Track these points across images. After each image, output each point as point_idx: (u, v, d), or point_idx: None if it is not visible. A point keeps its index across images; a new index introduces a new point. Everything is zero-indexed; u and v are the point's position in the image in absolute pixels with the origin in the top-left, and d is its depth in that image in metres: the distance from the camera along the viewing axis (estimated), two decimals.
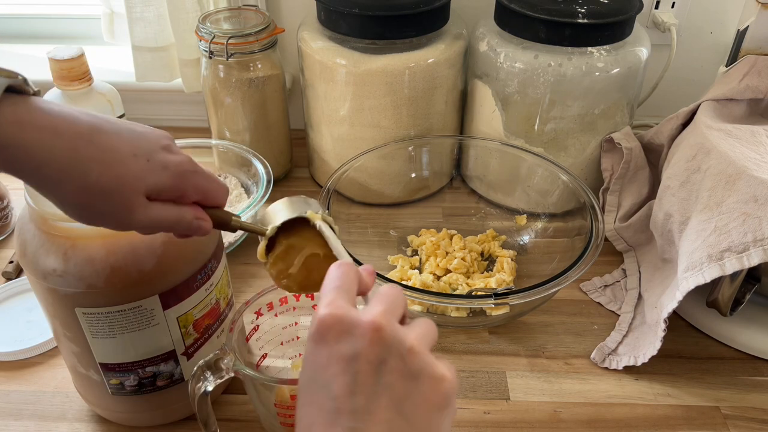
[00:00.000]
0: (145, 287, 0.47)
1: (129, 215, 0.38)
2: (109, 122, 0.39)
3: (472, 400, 0.59)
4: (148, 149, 0.39)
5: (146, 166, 0.39)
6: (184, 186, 0.41)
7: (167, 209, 0.40)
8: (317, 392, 0.32)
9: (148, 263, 0.47)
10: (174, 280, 0.49)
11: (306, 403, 0.33)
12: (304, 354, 0.34)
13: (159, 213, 0.40)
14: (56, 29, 1.06)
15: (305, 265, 0.44)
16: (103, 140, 0.37)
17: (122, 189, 0.38)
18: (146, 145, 0.39)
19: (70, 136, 0.36)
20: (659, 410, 0.58)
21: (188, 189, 0.41)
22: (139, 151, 0.39)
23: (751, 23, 0.79)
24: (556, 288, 0.59)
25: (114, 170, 0.37)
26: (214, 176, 0.43)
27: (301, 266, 0.44)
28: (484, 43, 0.76)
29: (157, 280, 0.47)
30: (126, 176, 0.38)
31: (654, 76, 0.86)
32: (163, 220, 0.40)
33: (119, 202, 0.38)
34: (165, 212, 0.40)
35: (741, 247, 0.55)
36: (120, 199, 0.38)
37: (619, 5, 0.72)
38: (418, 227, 0.79)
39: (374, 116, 0.77)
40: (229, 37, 0.76)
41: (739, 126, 0.68)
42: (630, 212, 0.75)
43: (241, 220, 0.45)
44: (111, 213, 0.38)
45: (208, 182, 0.42)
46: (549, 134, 0.76)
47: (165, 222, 0.40)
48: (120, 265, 0.46)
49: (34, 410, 0.58)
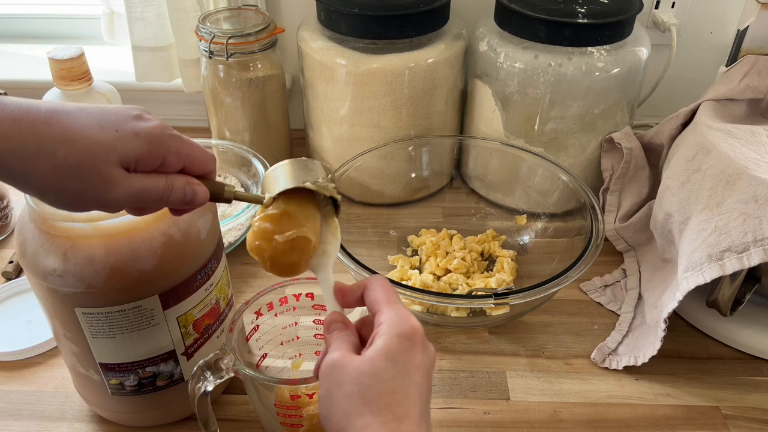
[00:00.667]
0: (145, 287, 0.47)
1: (108, 190, 0.37)
2: (72, 105, 0.37)
3: (472, 400, 0.59)
4: (115, 120, 0.37)
5: (115, 135, 0.37)
6: (162, 151, 0.38)
7: (151, 178, 0.38)
8: (408, 386, 0.37)
9: (148, 263, 0.46)
10: (174, 280, 0.49)
11: (394, 388, 0.36)
12: (389, 342, 0.37)
13: (143, 183, 0.38)
14: (56, 29, 1.06)
15: (292, 243, 0.42)
16: (64, 119, 0.36)
17: (93, 163, 0.36)
18: (113, 117, 0.37)
19: (29, 120, 0.35)
20: (659, 410, 0.58)
21: (168, 154, 0.39)
22: (106, 124, 0.37)
23: (751, 23, 0.79)
24: (556, 288, 0.59)
25: (80, 145, 0.36)
26: (197, 144, 0.41)
27: (288, 240, 0.42)
28: (484, 43, 0.76)
29: (157, 280, 0.47)
30: (95, 149, 0.36)
31: (654, 76, 0.86)
32: (148, 189, 0.38)
33: (94, 177, 0.36)
34: (149, 181, 0.38)
35: (741, 247, 0.55)
36: (94, 174, 0.36)
37: (619, 5, 0.72)
38: (418, 227, 0.79)
39: (374, 116, 0.77)
40: (229, 37, 0.76)
41: (739, 126, 0.67)
42: (630, 212, 0.75)
43: (234, 189, 0.43)
44: (89, 191, 0.37)
45: (190, 147, 0.40)
46: (549, 134, 0.76)
47: (152, 192, 0.38)
48: (120, 265, 0.46)
49: (34, 410, 0.58)
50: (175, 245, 0.48)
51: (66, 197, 0.37)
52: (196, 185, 0.40)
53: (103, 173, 0.36)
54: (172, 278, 0.48)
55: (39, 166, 0.35)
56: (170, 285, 0.48)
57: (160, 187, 0.39)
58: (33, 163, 0.35)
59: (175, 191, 0.39)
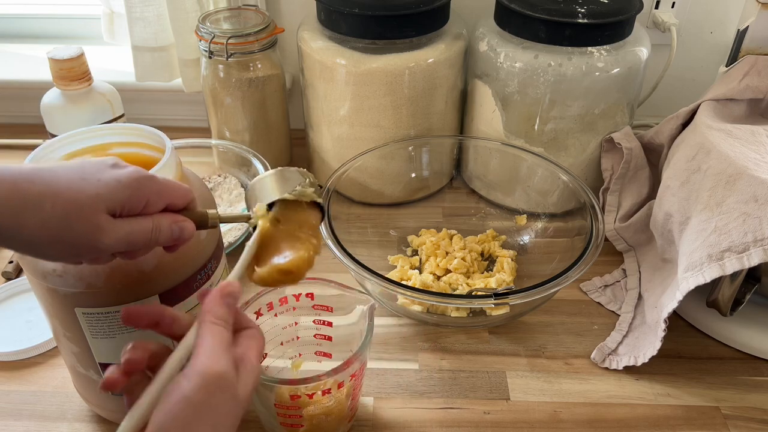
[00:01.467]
0: (145, 287, 0.47)
1: (98, 237, 0.37)
2: (53, 162, 0.38)
3: (472, 400, 0.59)
4: (95, 170, 0.38)
5: (98, 184, 0.38)
6: (144, 193, 0.39)
7: (137, 221, 0.39)
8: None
9: (148, 263, 0.46)
10: (174, 280, 0.48)
11: None
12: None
13: (130, 227, 0.39)
14: (56, 29, 1.06)
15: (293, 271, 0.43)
16: (46, 175, 0.37)
17: (81, 211, 0.37)
18: (92, 168, 0.39)
19: (12, 179, 0.36)
20: (659, 410, 0.58)
21: (150, 196, 0.40)
22: (87, 174, 0.38)
23: (751, 23, 0.79)
24: (556, 288, 0.59)
25: (65, 196, 0.37)
26: (171, 180, 0.43)
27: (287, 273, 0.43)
28: (484, 42, 0.76)
29: (157, 280, 0.47)
30: (80, 198, 0.37)
31: (654, 76, 0.86)
32: (136, 232, 0.39)
33: (83, 225, 0.37)
34: (136, 225, 0.39)
35: (741, 247, 0.55)
36: (83, 223, 0.37)
37: (619, 5, 0.72)
38: (418, 227, 0.79)
39: (374, 116, 0.77)
40: (229, 37, 0.76)
41: (739, 126, 0.67)
42: (630, 212, 0.75)
43: (217, 213, 0.44)
44: (80, 240, 0.37)
45: (167, 186, 0.41)
46: (549, 134, 0.76)
47: (140, 234, 0.39)
48: (119, 265, 0.46)
49: (34, 410, 0.58)
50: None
51: (58, 249, 0.38)
52: (181, 221, 0.42)
53: (92, 221, 0.37)
54: (172, 278, 0.48)
55: (27, 222, 0.36)
56: (170, 285, 0.48)
57: (148, 229, 0.40)
58: (20, 219, 0.36)
59: (163, 231, 0.40)
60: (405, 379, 0.61)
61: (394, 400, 0.59)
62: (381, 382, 0.61)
